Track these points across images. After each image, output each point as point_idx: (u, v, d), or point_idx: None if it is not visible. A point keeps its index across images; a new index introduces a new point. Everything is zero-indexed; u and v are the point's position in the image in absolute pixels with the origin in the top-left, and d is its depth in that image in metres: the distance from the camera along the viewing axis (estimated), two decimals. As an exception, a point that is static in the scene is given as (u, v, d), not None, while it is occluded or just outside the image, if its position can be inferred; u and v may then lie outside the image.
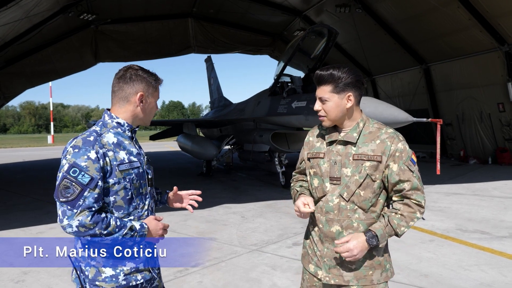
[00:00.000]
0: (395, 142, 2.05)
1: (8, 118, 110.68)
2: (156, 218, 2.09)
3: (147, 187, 2.11)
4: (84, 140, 1.93)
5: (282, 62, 10.48)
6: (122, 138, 2.05)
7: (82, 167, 1.87)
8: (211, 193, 10.02)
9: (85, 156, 1.88)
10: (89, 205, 1.86)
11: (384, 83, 19.00)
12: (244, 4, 17.07)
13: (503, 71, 13.40)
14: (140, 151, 2.14)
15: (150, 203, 2.14)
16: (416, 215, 2.03)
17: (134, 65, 2.12)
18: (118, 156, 1.97)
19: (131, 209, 2.03)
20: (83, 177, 1.86)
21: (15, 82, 16.10)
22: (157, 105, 2.19)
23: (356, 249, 1.95)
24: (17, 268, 5.02)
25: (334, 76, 2.05)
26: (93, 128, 2.04)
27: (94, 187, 1.87)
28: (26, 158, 22.80)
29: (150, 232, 2.03)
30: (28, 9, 10.63)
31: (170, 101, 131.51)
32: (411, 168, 2.05)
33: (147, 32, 17.68)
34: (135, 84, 2.06)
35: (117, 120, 2.07)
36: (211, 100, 21.25)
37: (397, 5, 14.37)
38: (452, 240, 5.73)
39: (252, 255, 5.33)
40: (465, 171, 12.95)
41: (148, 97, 2.09)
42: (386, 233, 2.00)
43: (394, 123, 7.02)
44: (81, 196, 1.85)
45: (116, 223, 1.91)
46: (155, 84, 2.11)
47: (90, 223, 1.84)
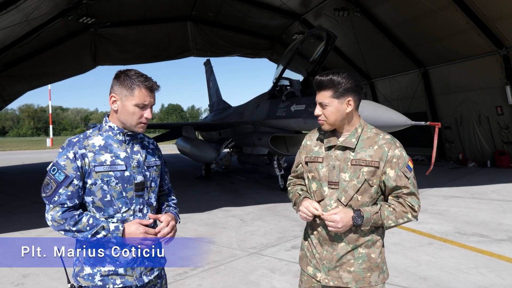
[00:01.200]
0: (392, 148, 2.09)
1: (7, 121, 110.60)
2: (140, 222, 2.04)
3: (133, 191, 2.07)
4: (69, 141, 2.05)
5: (281, 65, 10.50)
6: (111, 141, 2.09)
7: (61, 166, 1.99)
8: (210, 196, 10.03)
9: (65, 156, 2.00)
10: (62, 201, 1.96)
11: (382, 86, 19.03)
12: (243, 8, 17.12)
13: (501, 74, 13.43)
14: (132, 155, 2.10)
15: (138, 208, 2.09)
16: (407, 215, 2.07)
17: (131, 69, 2.10)
18: (99, 158, 2.02)
19: (111, 211, 2.04)
20: (59, 175, 1.98)
21: (15, 85, 16.11)
22: (142, 110, 2.06)
23: (341, 222, 2.01)
24: (17, 271, 5.01)
25: (334, 82, 2.08)
26: (88, 130, 2.14)
27: (68, 184, 1.97)
28: (25, 161, 22.77)
29: (126, 236, 1.99)
30: (27, 12, 10.67)
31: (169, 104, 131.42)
32: (407, 174, 2.09)
33: (146, 36, 17.71)
34: (113, 86, 2.09)
35: (109, 124, 2.12)
36: (210, 103, 21.27)
37: (395, 8, 14.42)
38: (450, 243, 5.75)
39: (251, 258, 5.34)
40: (463, 174, 12.97)
41: (121, 100, 2.05)
42: (373, 219, 2.04)
43: (393, 127, 7.04)
44: (56, 193, 1.97)
45: (88, 221, 1.95)
46: (133, 87, 2.02)
47: (59, 218, 1.94)
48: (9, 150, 37.31)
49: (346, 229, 2.04)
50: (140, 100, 2.05)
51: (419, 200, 2.11)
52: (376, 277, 2.12)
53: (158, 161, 2.26)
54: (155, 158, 2.23)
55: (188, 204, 8.74)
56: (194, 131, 15.17)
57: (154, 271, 2.17)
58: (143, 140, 2.24)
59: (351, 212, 2.03)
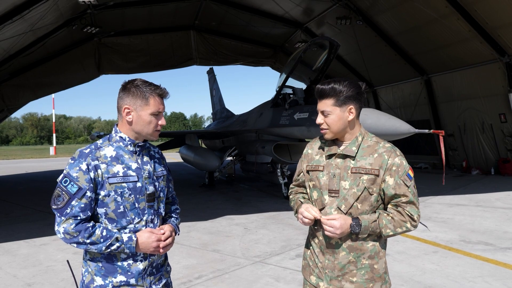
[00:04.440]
0: (392, 156, 2.10)
1: (11, 130, 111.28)
2: (152, 231, 2.05)
3: (145, 202, 2.08)
4: (80, 152, 2.02)
5: (284, 74, 10.55)
6: (122, 152, 2.08)
7: (73, 177, 1.95)
8: (213, 204, 10.03)
9: (77, 167, 1.97)
10: (75, 213, 1.93)
11: (385, 94, 19.07)
12: (245, 17, 17.26)
13: (504, 82, 13.45)
14: (143, 166, 2.10)
15: (150, 218, 2.11)
16: (406, 224, 2.07)
17: (136, 79, 2.12)
18: (112, 169, 2.00)
19: (124, 222, 2.03)
20: (72, 186, 1.94)
21: (19, 94, 16.24)
22: (157, 118, 2.10)
23: (340, 229, 2.00)
24: (22, 280, 5.02)
25: (335, 90, 2.09)
26: (98, 141, 2.13)
27: (82, 196, 1.94)
28: (28, 170, 22.84)
29: (139, 245, 2.00)
30: (32, 22, 10.79)
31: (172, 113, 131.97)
32: (407, 183, 2.08)
33: (149, 45, 17.87)
34: (123, 98, 2.08)
35: (119, 134, 2.12)
36: (213, 111, 21.34)
37: (397, 17, 14.50)
38: (455, 252, 5.72)
39: (255, 267, 5.32)
40: (467, 182, 12.93)
41: (136, 110, 2.05)
42: (370, 227, 2.04)
43: (396, 134, 7.03)
44: (69, 205, 1.93)
45: (102, 233, 1.94)
46: (147, 96, 2.04)
47: (73, 231, 1.91)
48: (13, 158, 37.46)
49: (343, 235, 2.05)
50: (155, 108, 2.07)
51: (418, 209, 2.10)
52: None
53: (165, 171, 2.28)
54: (162, 167, 2.25)
55: (192, 213, 8.74)
56: (197, 139, 15.22)
57: (162, 279, 2.18)
58: (150, 150, 2.25)
59: (349, 220, 2.03)
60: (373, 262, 2.10)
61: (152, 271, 2.12)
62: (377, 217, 2.05)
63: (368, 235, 2.07)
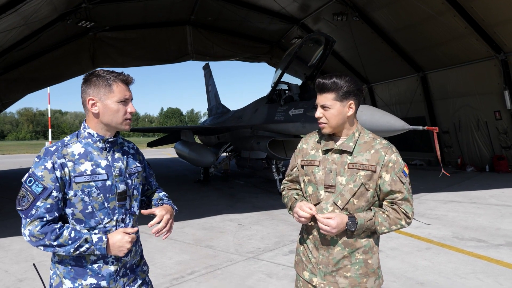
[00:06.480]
0: (389, 152, 2.10)
1: (6, 125, 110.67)
2: (125, 231, 1.95)
3: (115, 201, 1.98)
4: (46, 150, 1.91)
5: (279, 69, 10.51)
6: (91, 149, 1.97)
7: (38, 177, 1.85)
8: (208, 200, 10.02)
9: (42, 166, 1.86)
10: (40, 215, 1.82)
11: (381, 91, 19.08)
12: (242, 12, 17.18)
13: (499, 79, 13.48)
14: (113, 164, 1.99)
15: (121, 218, 2.01)
16: (401, 222, 2.08)
17: (96, 69, 2.02)
18: (79, 168, 1.90)
19: (92, 223, 1.93)
20: (37, 186, 1.83)
21: (14, 88, 16.08)
22: (125, 105, 1.99)
23: (336, 228, 2.01)
24: (13, 275, 4.99)
25: (337, 84, 2.09)
26: (65, 137, 2.02)
27: (47, 197, 1.84)
28: (23, 165, 22.70)
29: (110, 247, 1.90)
30: (26, 16, 10.67)
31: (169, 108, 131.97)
32: (402, 180, 2.09)
33: (145, 39, 17.74)
34: (86, 90, 1.98)
35: (88, 130, 2.00)
36: (209, 107, 21.30)
37: (393, 13, 14.49)
38: (448, 248, 5.73)
39: (248, 263, 5.32)
40: (462, 179, 12.97)
41: (101, 100, 1.95)
42: (366, 225, 2.04)
43: (391, 131, 7.03)
44: (34, 206, 1.83)
45: (70, 234, 1.84)
46: (110, 83, 1.95)
47: (39, 233, 1.81)
48: (8, 153, 37.29)
49: (338, 233, 2.05)
50: (121, 95, 1.96)
51: (412, 206, 2.12)
52: (372, 283, 2.12)
53: (140, 167, 2.16)
54: (136, 164, 2.14)
55: (186, 208, 8.72)
56: (192, 135, 15.18)
57: (137, 280, 2.11)
58: (123, 146, 2.14)
59: (345, 218, 2.03)
60: (367, 257, 2.11)
61: (125, 272, 2.04)
62: (372, 215, 2.06)
63: (363, 232, 2.07)
